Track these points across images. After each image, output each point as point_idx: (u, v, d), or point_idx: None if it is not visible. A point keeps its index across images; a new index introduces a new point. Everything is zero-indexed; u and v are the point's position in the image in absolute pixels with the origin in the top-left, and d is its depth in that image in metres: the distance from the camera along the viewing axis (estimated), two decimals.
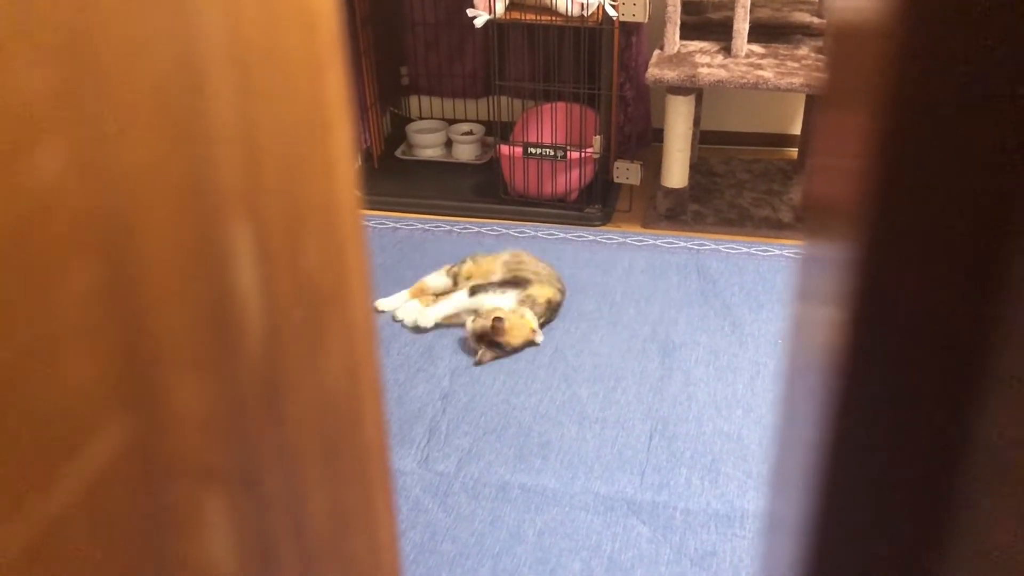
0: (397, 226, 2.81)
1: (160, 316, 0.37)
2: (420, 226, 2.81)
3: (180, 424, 0.39)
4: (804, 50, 2.67)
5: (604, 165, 2.81)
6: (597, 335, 2.26)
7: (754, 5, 2.71)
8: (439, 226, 2.81)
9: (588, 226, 2.79)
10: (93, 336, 0.33)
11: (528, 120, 2.90)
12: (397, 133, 3.33)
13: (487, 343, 2.15)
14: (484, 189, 2.98)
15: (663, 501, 1.77)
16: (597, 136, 2.76)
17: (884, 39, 0.32)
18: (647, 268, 2.54)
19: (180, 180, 0.37)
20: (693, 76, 2.53)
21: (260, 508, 0.47)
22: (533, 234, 2.74)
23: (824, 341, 0.40)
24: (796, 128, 3.20)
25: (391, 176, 3.11)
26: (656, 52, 2.69)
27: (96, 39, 0.32)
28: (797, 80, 2.49)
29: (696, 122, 2.98)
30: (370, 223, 2.82)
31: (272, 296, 0.45)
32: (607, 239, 2.71)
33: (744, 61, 2.60)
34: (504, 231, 2.76)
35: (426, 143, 3.24)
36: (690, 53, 2.66)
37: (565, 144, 2.77)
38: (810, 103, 2.89)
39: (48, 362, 0.31)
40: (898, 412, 0.38)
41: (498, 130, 2.94)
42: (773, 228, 2.74)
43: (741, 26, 2.60)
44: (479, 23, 2.69)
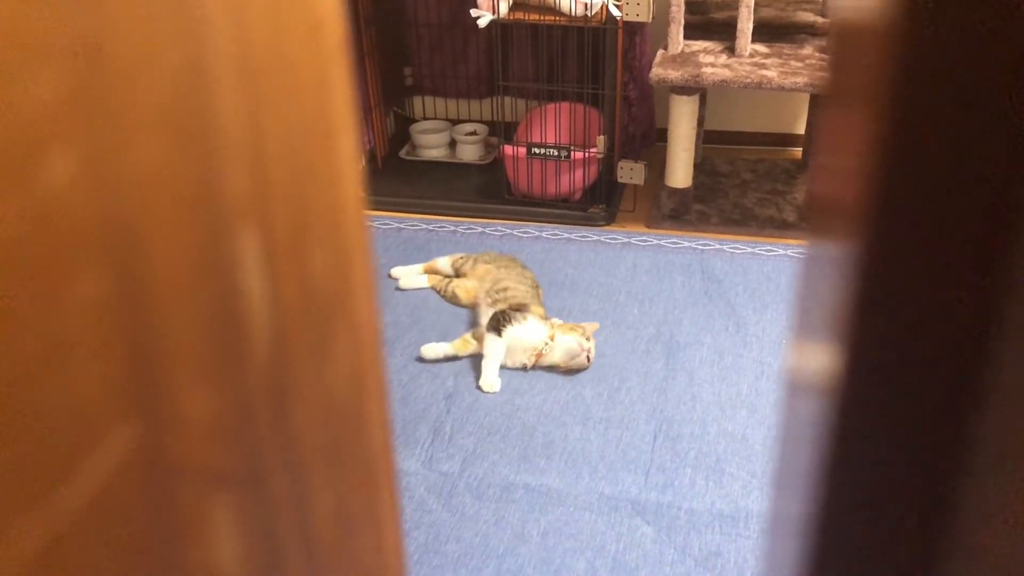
0: (401, 226, 2.82)
1: (168, 321, 0.37)
2: (424, 226, 2.82)
3: (187, 428, 0.39)
4: (808, 49, 2.67)
5: (608, 165, 2.81)
6: (601, 335, 2.26)
7: (758, 4, 2.71)
8: (443, 226, 2.82)
9: (592, 226, 2.79)
10: (101, 342, 0.34)
11: (532, 120, 2.90)
12: (401, 133, 3.34)
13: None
14: (488, 189, 2.98)
15: (667, 501, 1.77)
16: (601, 136, 2.76)
17: (886, 38, 0.32)
18: (651, 268, 2.54)
19: (188, 187, 0.38)
20: (697, 76, 2.53)
21: (266, 510, 0.47)
22: (537, 234, 2.75)
23: (826, 341, 0.40)
24: (800, 128, 3.20)
25: (395, 176, 3.12)
26: (660, 52, 2.69)
27: (105, 48, 0.32)
28: (801, 80, 2.49)
29: (700, 122, 2.98)
30: (374, 223, 2.82)
31: (278, 301, 0.45)
32: (611, 239, 2.71)
33: (748, 61, 2.60)
34: (508, 231, 2.77)
35: (430, 143, 3.24)
36: (694, 53, 2.66)
37: (569, 144, 2.77)
38: (814, 103, 2.89)
39: (57, 367, 0.32)
40: (900, 412, 0.38)
41: (502, 130, 2.95)
42: (777, 228, 2.74)
43: (745, 25, 2.60)
44: (483, 23, 2.70)
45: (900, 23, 0.32)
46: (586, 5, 2.60)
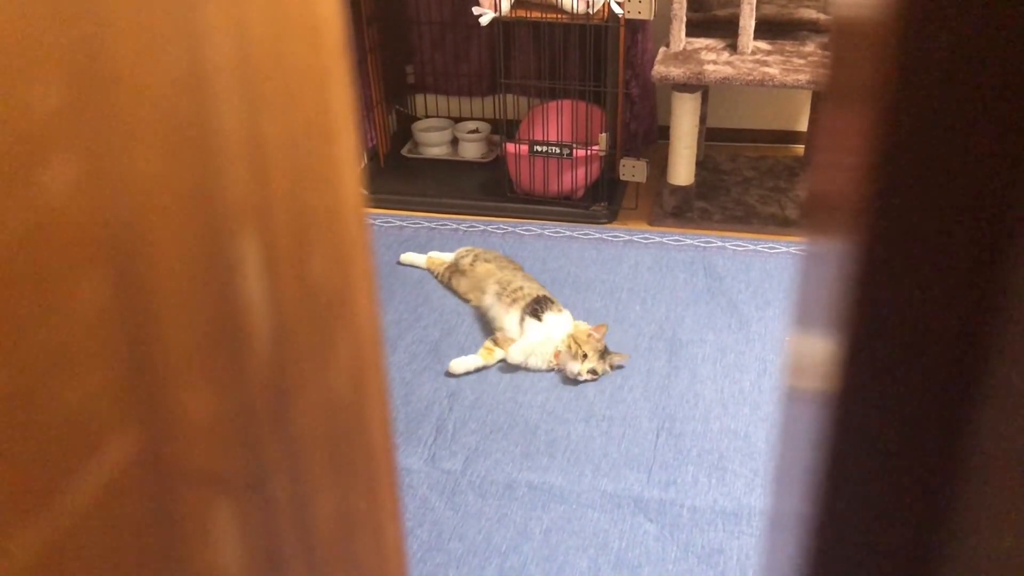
0: (403, 224, 2.82)
1: (168, 325, 0.37)
2: (426, 224, 2.82)
3: (189, 432, 0.39)
4: (810, 47, 2.67)
5: (610, 163, 2.81)
6: None
7: (760, 2, 2.71)
8: (445, 224, 2.82)
9: (594, 224, 2.79)
10: (102, 347, 0.34)
11: (534, 118, 2.90)
12: (403, 131, 3.34)
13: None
14: (490, 187, 2.98)
15: (670, 499, 1.77)
16: (603, 134, 2.76)
17: (885, 35, 0.33)
18: (653, 266, 2.54)
19: (188, 191, 0.38)
20: (699, 73, 2.53)
21: (267, 512, 0.47)
22: (539, 232, 2.75)
23: (826, 338, 0.40)
24: (802, 125, 3.19)
25: (397, 174, 3.12)
26: (662, 49, 2.69)
27: (105, 54, 0.33)
28: (803, 77, 2.49)
29: (702, 119, 2.97)
30: (376, 221, 2.82)
31: (279, 304, 0.45)
32: (613, 237, 2.71)
33: (750, 58, 2.59)
34: (510, 229, 2.77)
35: (432, 141, 3.25)
36: (696, 50, 2.66)
37: (571, 142, 2.77)
38: (816, 100, 2.88)
39: (59, 373, 0.32)
40: (900, 409, 0.39)
41: (504, 128, 2.95)
42: (780, 225, 2.73)
43: (747, 23, 2.59)
44: (485, 21, 2.69)
45: (899, 20, 0.32)
46: (588, 3, 2.60)
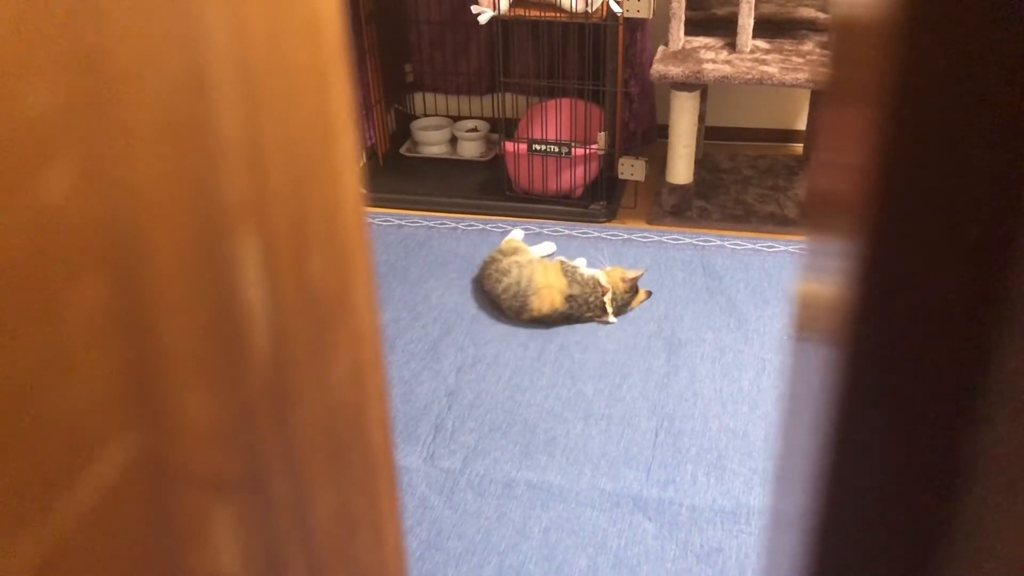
0: (402, 223, 2.82)
1: (168, 327, 0.37)
2: (425, 223, 2.82)
3: (188, 434, 0.39)
4: (809, 45, 2.67)
5: (609, 161, 2.81)
6: (602, 332, 2.27)
7: (759, 1, 2.71)
8: (444, 223, 2.82)
9: (593, 223, 2.79)
10: (101, 349, 0.34)
11: (533, 117, 2.90)
12: (402, 130, 3.34)
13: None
14: (489, 186, 2.98)
15: (669, 498, 1.77)
16: (602, 132, 2.76)
17: (885, 34, 0.33)
18: (652, 265, 2.54)
19: (187, 192, 0.38)
20: (698, 72, 2.53)
21: (267, 513, 0.47)
22: (538, 231, 2.75)
23: (827, 337, 0.40)
24: (801, 124, 3.20)
25: (396, 173, 3.12)
26: (661, 48, 2.69)
27: (104, 56, 0.33)
28: (802, 75, 2.49)
29: (701, 118, 2.97)
30: (375, 220, 2.82)
31: (278, 305, 0.45)
32: (612, 235, 2.71)
33: (749, 57, 2.59)
34: (509, 228, 2.77)
35: (431, 140, 3.25)
36: (695, 49, 2.66)
37: (570, 141, 2.77)
38: (815, 98, 2.88)
39: (58, 377, 0.32)
40: (901, 408, 0.39)
41: (503, 127, 2.95)
42: (779, 224, 2.73)
43: (746, 21, 2.59)
44: (483, 20, 2.69)
45: (899, 19, 0.32)
46: (587, 1, 2.60)
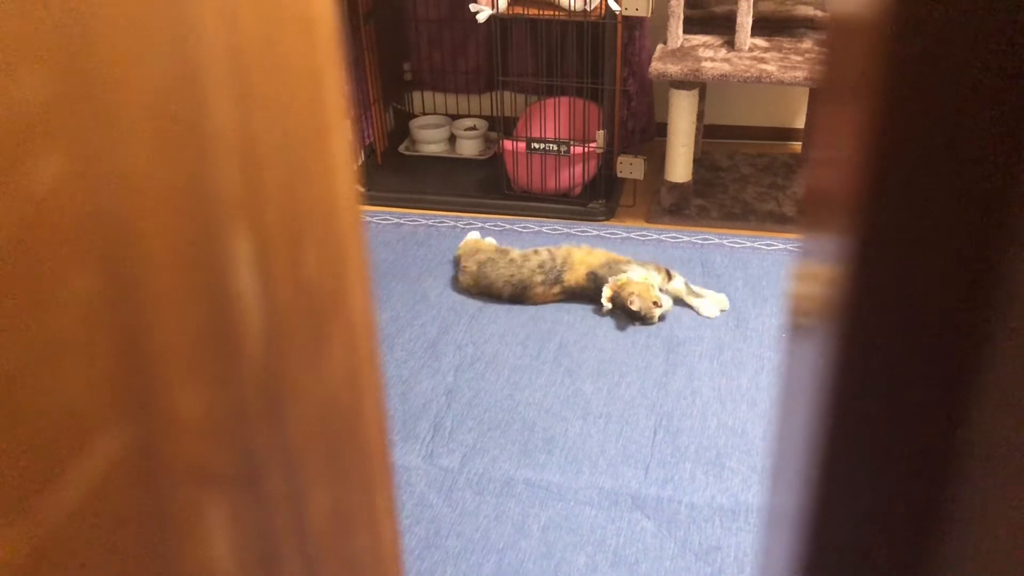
0: (400, 222, 2.82)
1: (160, 321, 0.37)
2: (424, 222, 2.82)
3: (181, 428, 0.39)
4: (807, 44, 2.67)
5: (607, 160, 2.81)
6: (601, 330, 2.27)
7: None
8: (443, 222, 2.82)
9: (592, 221, 2.79)
10: (92, 342, 0.34)
11: (531, 115, 2.90)
12: (400, 129, 3.34)
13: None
14: (487, 185, 2.98)
15: (667, 496, 1.77)
16: (600, 131, 2.76)
17: (880, 33, 0.33)
18: (651, 263, 2.54)
19: (179, 186, 0.38)
20: (696, 70, 2.53)
21: (261, 509, 0.47)
22: (537, 229, 2.75)
23: (822, 334, 0.40)
24: (800, 122, 3.19)
25: (394, 172, 3.12)
26: (659, 46, 2.69)
27: (95, 49, 0.32)
28: (800, 74, 2.49)
29: (699, 116, 2.97)
30: (373, 219, 2.82)
31: (273, 301, 0.45)
32: (611, 234, 2.71)
33: (747, 55, 2.59)
34: (508, 226, 2.77)
35: (429, 139, 3.24)
36: (693, 47, 2.65)
37: (568, 139, 2.77)
38: (814, 97, 2.88)
39: (48, 369, 0.32)
40: (895, 403, 0.39)
41: (501, 125, 2.95)
42: (777, 222, 2.73)
43: (744, 20, 2.59)
44: (481, 18, 2.69)
45: (895, 17, 0.32)
46: (585, 0, 2.60)
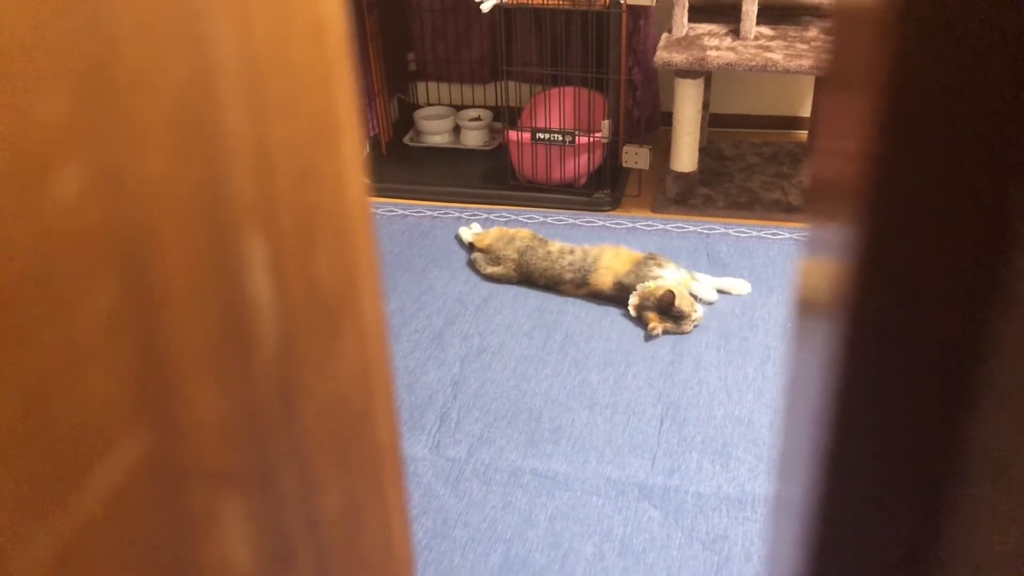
0: (406, 213, 2.82)
1: (178, 327, 0.38)
2: (429, 213, 2.82)
3: (198, 430, 0.40)
4: (813, 32, 2.66)
5: (613, 150, 2.81)
6: (607, 320, 2.27)
7: None
8: (448, 213, 2.82)
9: (597, 211, 2.79)
10: (115, 350, 0.34)
11: (536, 105, 2.89)
12: (405, 120, 3.33)
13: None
14: (492, 175, 2.98)
15: (674, 485, 1.78)
16: (605, 121, 2.75)
17: (886, 20, 0.33)
18: (657, 252, 2.54)
19: (195, 193, 0.38)
20: (702, 59, 2.52)
21: (276, 508, 0.48)
22: (542, 220, 2.75)
23: (828, 324, 0.40)
24: (806, 111, 3.19)
25: (399, 163, 3.12)
26: (664, 35, 2.68)
27: (112, 62, 0.33)
28: (806, 62, 2.48)
29: (705, 105, 2.97)
30: (378, 211, 2.82)
31: (285, 302, 0.46)
32: (616, 224, 2.71)
33: (753, 43, 2.59)
34: (513, 217, 2.77)
35: (434, 129, 3.24)
36: (699, 36, 2.65)
37: (573, 129, 2.77)
38: (819, 85, 2.87)
39: (72, 377, 0.32)
40: (901, 395, 0.39)
41: (506, 116, 2.94)
42: (783, 211, 2.73)
43: (750, 8, 2.58)
44: (486, 8, 2.69)
45: (901, 5, 0.32)
46: None
